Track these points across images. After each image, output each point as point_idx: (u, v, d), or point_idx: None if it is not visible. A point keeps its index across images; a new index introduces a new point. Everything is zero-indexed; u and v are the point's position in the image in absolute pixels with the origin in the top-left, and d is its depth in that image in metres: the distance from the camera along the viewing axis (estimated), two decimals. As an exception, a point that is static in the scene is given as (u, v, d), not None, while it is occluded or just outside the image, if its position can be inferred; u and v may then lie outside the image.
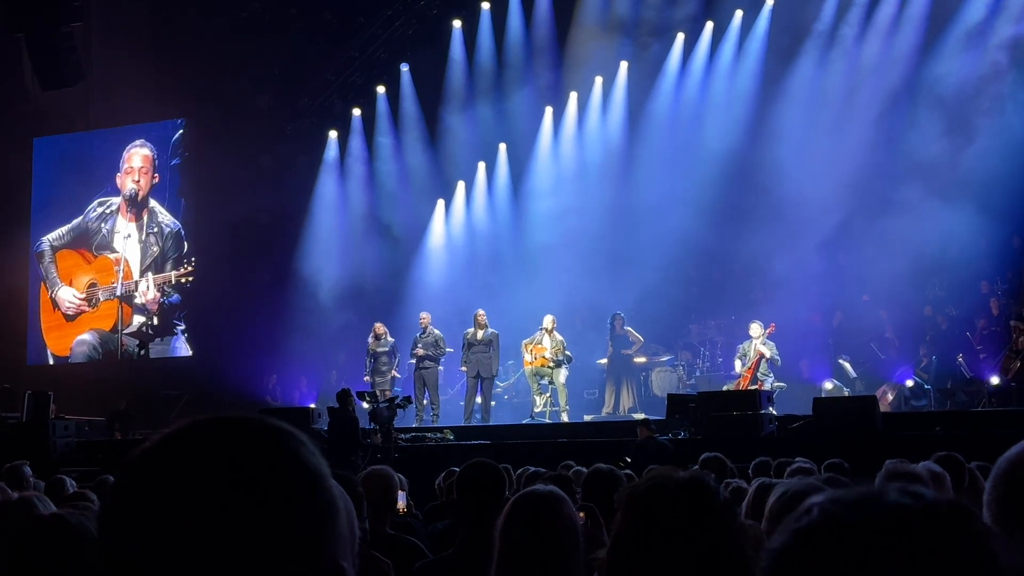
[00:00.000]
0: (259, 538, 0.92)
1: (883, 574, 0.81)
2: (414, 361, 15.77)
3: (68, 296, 21.08)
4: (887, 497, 0.86)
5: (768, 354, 14.18)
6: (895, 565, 0.81)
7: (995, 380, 13.57)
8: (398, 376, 16.16)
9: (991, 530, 0.86)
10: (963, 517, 0.85)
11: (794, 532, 0.87)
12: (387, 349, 16.02)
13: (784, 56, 16.90)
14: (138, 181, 20.74)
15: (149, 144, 20.85)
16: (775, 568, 0.86)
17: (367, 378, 15.95)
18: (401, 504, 7.38)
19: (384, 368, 15.95)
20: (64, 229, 21.23)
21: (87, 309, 20.86)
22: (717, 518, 1.86)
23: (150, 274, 20.40)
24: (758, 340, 14.28)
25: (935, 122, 15.39)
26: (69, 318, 21.00)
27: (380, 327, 16.16)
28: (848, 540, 0.83)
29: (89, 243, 21.08)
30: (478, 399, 15.33)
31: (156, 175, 20.75)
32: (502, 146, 18.98)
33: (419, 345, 15.49)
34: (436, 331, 15.64)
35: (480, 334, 15.21)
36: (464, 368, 15.47)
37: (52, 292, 21.21)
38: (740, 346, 14.68)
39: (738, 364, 14.60)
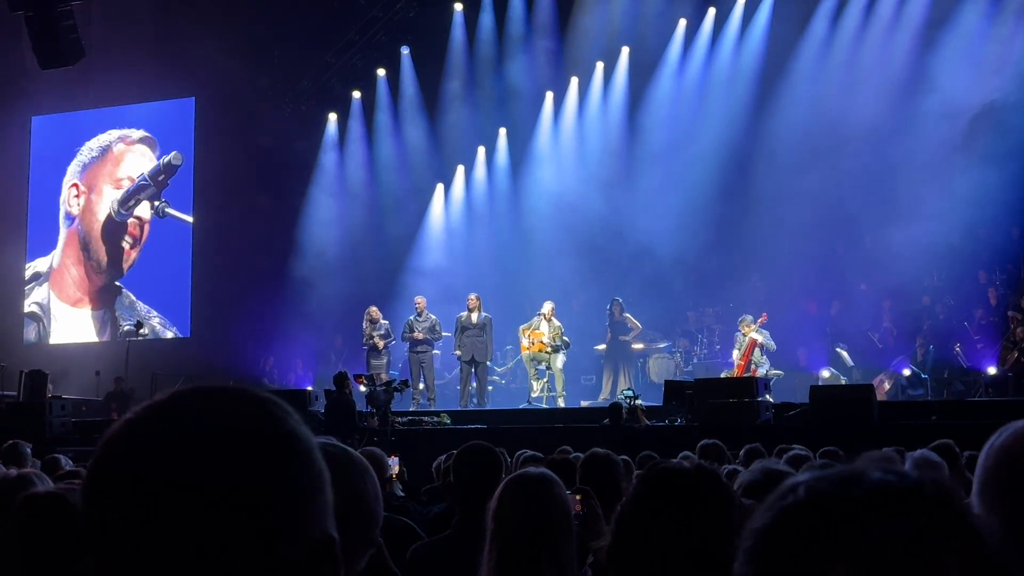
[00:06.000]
0: (249, 508, 0.90)
1: (869, 551, 0.81)
2: (407, 344, 15.77)
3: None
4: (870, 476, 0.86)
5: (760, 339, 14.27)
6: (882, 542, 0.81)
7: (992, 370, 13.60)
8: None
9: (974, 509, 0.86)
10: (947, 495, 0.85)
11: (780, 510, 0.87)
12: (382, 332, 16.03)
13: (785, 44, 16.83)
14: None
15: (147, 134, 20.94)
16: (760, 546, 0.86)
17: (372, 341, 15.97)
18: (395, 469, 7.41)
19: (380, 351, 15.97)
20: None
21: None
22: (723, 504, 1.89)
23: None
24: (751, 330, 14.36)
25: (935, 115, 15.35)
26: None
27: (375, 311, 16.16)
28: (834, 517, 0.83)
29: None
30: (473, 384, 15.35)
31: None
32: (502, 130, 18.94)
33: (416, 329, 15.48)
34: (432, 316, 15.63)
35: (474, 318, 15.21)
36: (458, 353, 15.48)
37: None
38: (736, 335, 14.77)
39: (735, 353, 14.69)
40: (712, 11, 17.71)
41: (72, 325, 20.96)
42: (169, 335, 20.36)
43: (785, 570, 0.84)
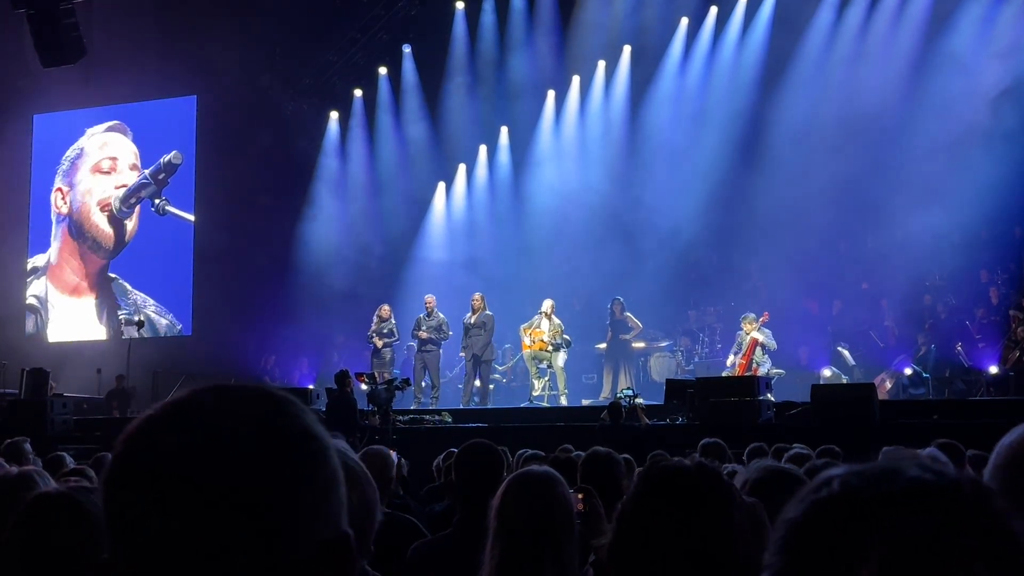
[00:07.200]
0: (263, 505, 0.92)
1: (904, 547, 0.80)
2: (414, 343, 15.82)
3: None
4: (907, 472, 0.86)
5: (761, 339, 14.26)
6: (917, 538, 0.81)
7: (993, 369, 13.59)
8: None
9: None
10: (985, 494, 0.85)
11: (813, 503, 0.86)
12: (385, 332, 16.05)
13: (789, 40, 16.79)
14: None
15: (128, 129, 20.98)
16: (791, 538, 0.86)
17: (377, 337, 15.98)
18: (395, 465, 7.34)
19: (384, 350, 16.01)
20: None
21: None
22: (725, 503, 1.89)
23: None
24: (753, 328, 14.35)
25: (938, 112, 15.31)
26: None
27: (386, 309, 16.22)
28: (869, 512, 0.83)
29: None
30: (476, 382, 15.38)
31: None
32: (504, 129, 18.94)
33: (423, 327, 15.53)
34: (441, 315, 15.70)
35: (474, 318, 15.26)
36: (463, 353, 15.53)
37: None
38: (738, 333, 14.75)
39: (732, 358, 14.67)
40: (714, 9, 17.70)
41: (70, 316, 21.03)
42: (164, 323, 20.41)
43: (815, 564, 0.84)
